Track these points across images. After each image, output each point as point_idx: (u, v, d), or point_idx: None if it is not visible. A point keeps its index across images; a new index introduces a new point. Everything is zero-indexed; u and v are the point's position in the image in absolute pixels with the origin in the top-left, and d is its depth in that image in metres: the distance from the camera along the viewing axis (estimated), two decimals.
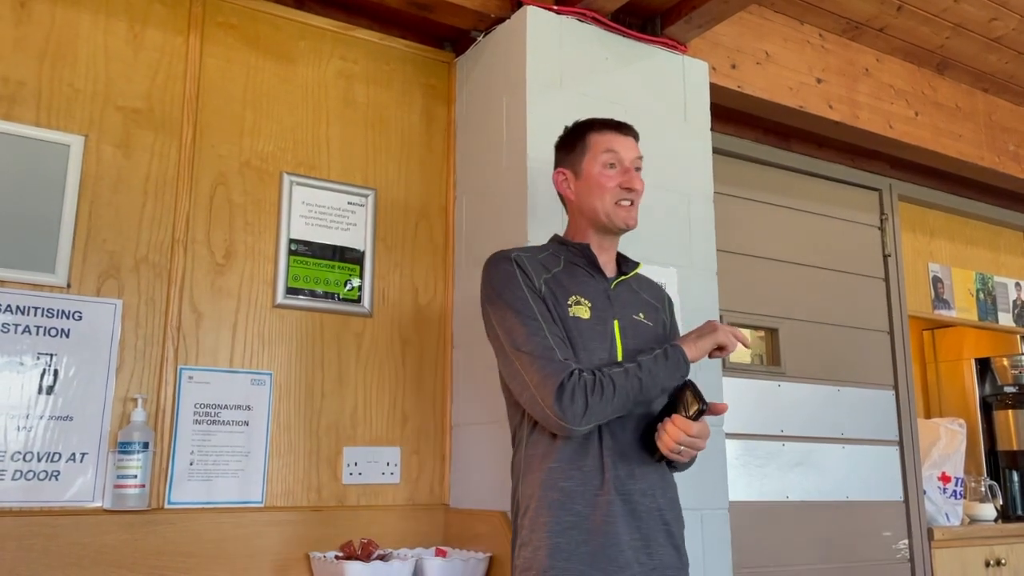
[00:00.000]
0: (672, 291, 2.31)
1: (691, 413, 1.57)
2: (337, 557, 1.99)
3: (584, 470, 1.61)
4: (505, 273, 1.68)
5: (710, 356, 1.74)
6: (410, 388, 2.32)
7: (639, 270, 1.85)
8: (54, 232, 1.94)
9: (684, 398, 1.59)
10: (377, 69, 2.44)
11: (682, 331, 1.86)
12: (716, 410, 1.62)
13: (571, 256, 1.76)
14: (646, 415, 1.67)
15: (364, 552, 2.00)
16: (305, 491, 2.14)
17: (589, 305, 1.69)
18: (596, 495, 1.60)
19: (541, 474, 1.61)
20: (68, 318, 1.93)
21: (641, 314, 1.77)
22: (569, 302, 1.67)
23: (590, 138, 1.77)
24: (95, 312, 1.96)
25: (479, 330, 2.28)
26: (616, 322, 1.71)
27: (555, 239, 1.83)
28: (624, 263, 1.83)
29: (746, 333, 1.75)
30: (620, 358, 1.67)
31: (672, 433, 1.58)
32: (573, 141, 1.80)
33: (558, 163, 1.83)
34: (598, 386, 1.56)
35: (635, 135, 1.81)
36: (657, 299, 1.86)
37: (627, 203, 1.74)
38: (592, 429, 1.61)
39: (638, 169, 1.78)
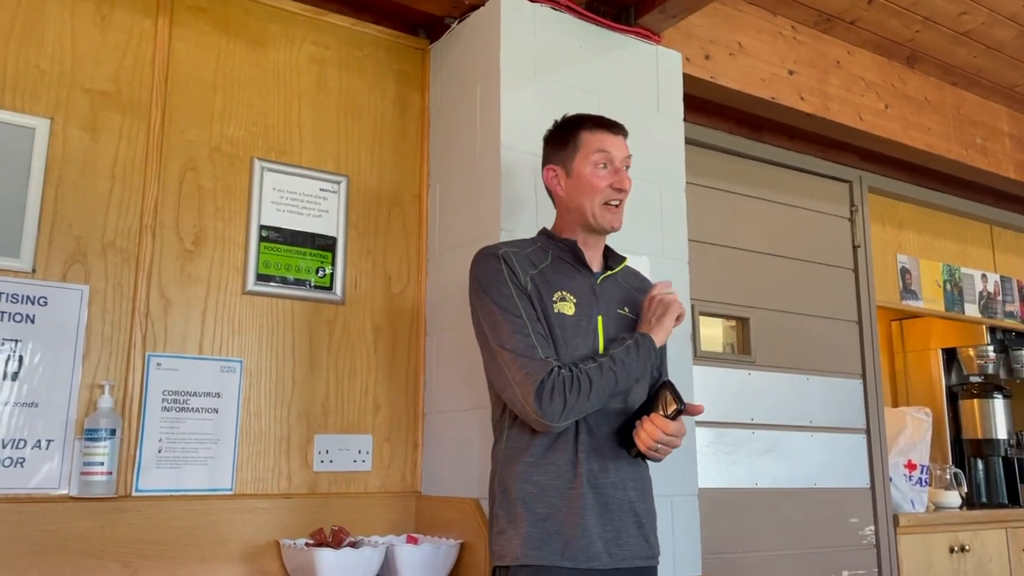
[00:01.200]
0: None
1: (669, 412, 1.61)
2: (308, 544, 1.98)
3: (558, 465, 1.65)
4: (492, 270, 1.70)
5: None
6: (382, 376, 2.32)
7: (627, 263, 1.87)
8: (19, 216, 1.91)
9: (663, 398, 1.63)
10: (350, 55, 2.42)
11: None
12: (692, 411, 1.65)
13: (558, 251, 1.78)
14: (623, 411, 1.70)
15: (335, 539, 1.99)
16: (276, 478, 2.13)
17: (574, 301, 1.71)
18: (569, 489, 1.63)
19: (519, 467, 1.66)
20: (33, 303, 1.90)
21: (626, 308, 1.79)
22: (554, 298, 1.69)
23: (582, 136, 1.77)
24: (61, 297, 1.93)
25: (452, 318, 2.28)
26: (600, 317, 1.73)
27: (543, 233, 1.84)
28: (611, 257, 1.84)
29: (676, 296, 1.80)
30: (601, 350, 1.70)
31: (650, 431, 1.62)
32: (564, 138, 1.80)
33: (548, 159, 1.83)
34: (575, 383, 1.59)
35: (625, 133, 1.82)
36: (643, 292, 1.87)
37: (615, 204, 1.76)
38: (571, 424, 1.65)
39: (627, 167, 1.79)
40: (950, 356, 4.07)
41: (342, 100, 2.39)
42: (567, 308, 1.70)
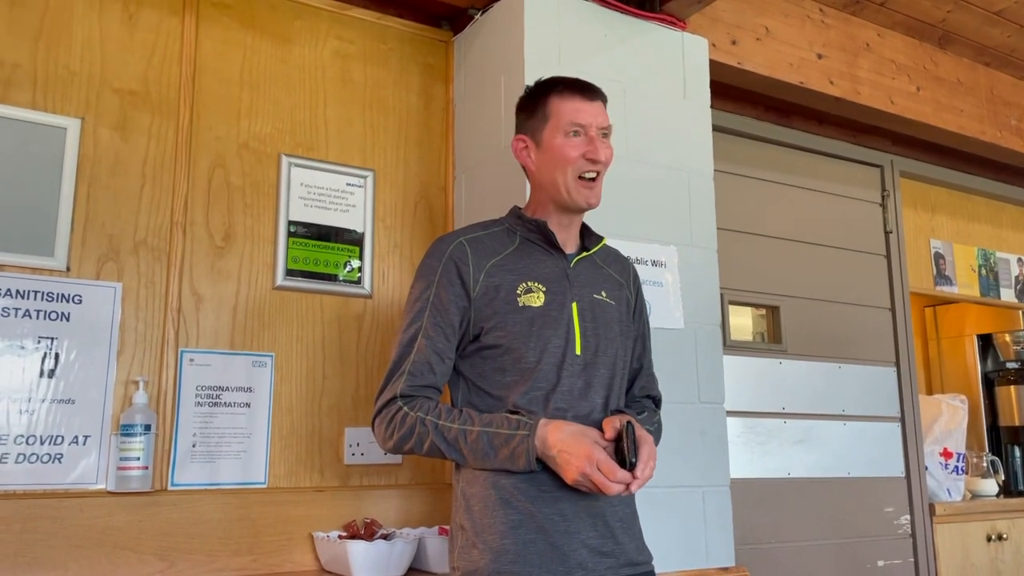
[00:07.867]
0: (672, 269, 2.31)
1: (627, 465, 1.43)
2: (340, 536, 2.00)
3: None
4: (429, 268, 1.58)
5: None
6: None
7: (605, 243, 1.72)
8: (52, 216, 1.94)
9: (621, 448, 1.44)
10: (374, 49, 2.42)
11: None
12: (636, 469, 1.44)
13: (527, 233, 1.63)
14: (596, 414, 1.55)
15: (367, 531, 2.01)
16: (308, 472, 2.14)
17: (544, 289, 1.57)
18: (543, 492, 1.48)
19: (485, 470, 1.50)
20: (68, 302, 1.93)
21: (603, 292, 1.65)
22: (519, 291, 1.56)
23: (552, 103, 1.59)
24: (95, 295, 1.96)
25: None
26: (575, 304, 1.59)
27: (513, 211, 1.68)
28: (588, 237, 1.69)
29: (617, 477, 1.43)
30: (578, 342, 1.56)
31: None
32: (534, 105, 1.63)
33: (518, 128, 1.66)
34: (408, 430, 1.49)
35: (603, 98, 1.62)
36: (623, 274, 1.73)
37: (591, 176, 1.58)
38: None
39: (606, 136, 1.60)
40: (986, 342, 4.00)
41: (367, 94, 2.39)
42: (534, 300, 1.56)
